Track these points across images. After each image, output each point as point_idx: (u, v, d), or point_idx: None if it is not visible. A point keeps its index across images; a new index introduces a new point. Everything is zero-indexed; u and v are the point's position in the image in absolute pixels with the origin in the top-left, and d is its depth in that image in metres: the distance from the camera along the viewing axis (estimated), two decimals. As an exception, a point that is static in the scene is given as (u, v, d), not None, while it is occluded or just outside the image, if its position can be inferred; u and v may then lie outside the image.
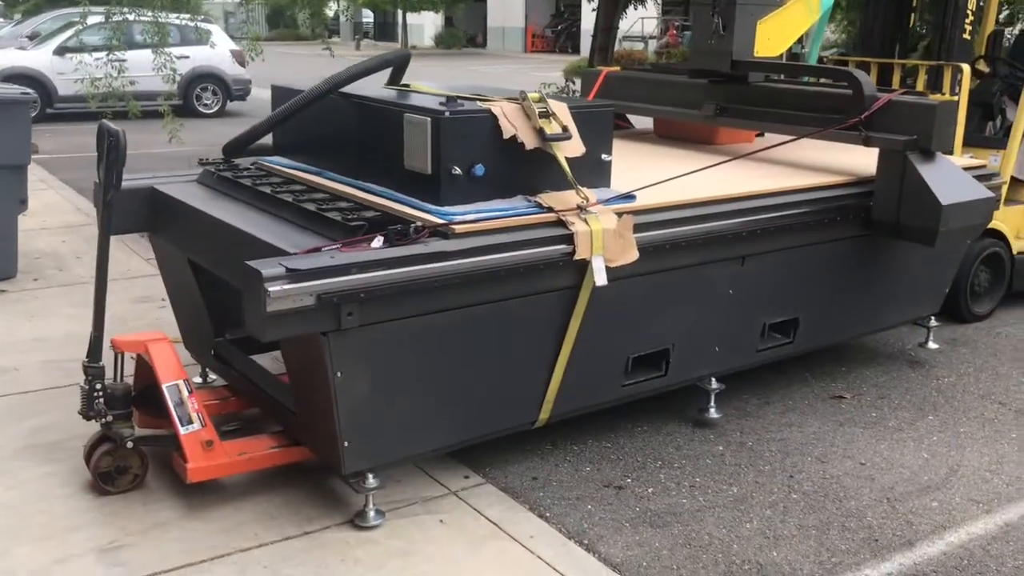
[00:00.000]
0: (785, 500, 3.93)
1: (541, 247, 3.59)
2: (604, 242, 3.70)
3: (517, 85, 4.79)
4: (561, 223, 3.67)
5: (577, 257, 3.64)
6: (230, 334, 4.40)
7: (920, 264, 5.02)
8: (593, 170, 3.91)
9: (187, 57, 15.98)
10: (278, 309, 3.05)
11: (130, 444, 3.66)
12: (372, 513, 3.58)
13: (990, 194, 4.66)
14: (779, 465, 4.22)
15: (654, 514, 3.80)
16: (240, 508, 3.65)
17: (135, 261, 7.00)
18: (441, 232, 3.46)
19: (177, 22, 12.41)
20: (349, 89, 4.08)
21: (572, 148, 3.78)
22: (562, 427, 4.23)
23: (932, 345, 5.42)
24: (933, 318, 5.39)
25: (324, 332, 3.21)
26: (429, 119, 3.57)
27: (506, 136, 3.66)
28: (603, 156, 3.98)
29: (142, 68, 10.03)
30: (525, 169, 3.75)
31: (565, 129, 3.75)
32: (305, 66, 28.11)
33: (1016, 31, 9.26)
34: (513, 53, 40.58)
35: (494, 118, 3.66)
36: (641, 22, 30.06)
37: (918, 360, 5.48)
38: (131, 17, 9.66)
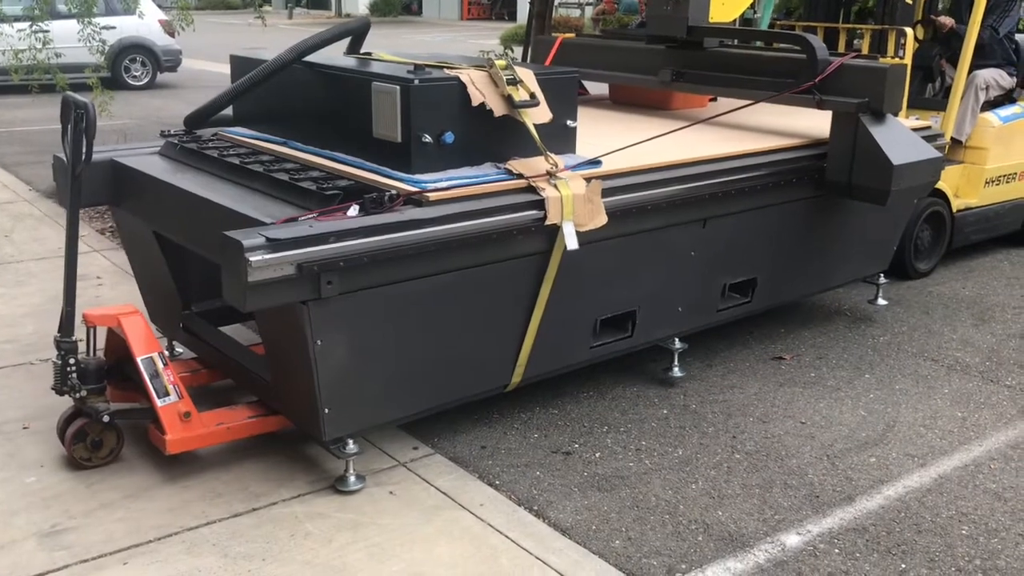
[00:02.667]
0: (729, 460, 4.01)
1: (513, 213, 3.65)
2: (574, 207, 3.77)
3: (455, 53, 4.81)
4: (532, 189, 3.72)
5: (548, 222, 3.71)
6: (197, 306, 4.40)
7: (870, 223, 5.18)
8: (559, 136, 3.97)
9: (114, 27, 15.48)
10: (259, 279, 3.07)
11: (106, 418, 3.65)
12: (353, 478, 3.63)
13: (938, 154, 4.83)
14: (722, 426, 4.30)
15: (602, 478, 3.84)
16: (187, 487, 3.62)
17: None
18: (415, 200, 3.50)
19: None
20: (312, 58, 4.08)
21: (540, 115, 3.83)
22: (509, 396, 4.24)
23: (881, 301, 5.59)
24: (882, 275, 5.56)
25: (304, 301, 3.23)
26: (398, 87, 3.58)
27: (475, 103, 3.69)
28: (568, 122, 4.03)
29: (67, 39, 9.76)
30: (493, 136, 3.80)
31: (533, 96, 3.80)
32: (237, 36, 27.61)
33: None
34: (449, 21, 40.25)
35: (462, 86, 3.69)
36: (578, -13, 30.03)
37: (854, 320, 5.62)
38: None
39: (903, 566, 3.31)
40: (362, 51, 4.47)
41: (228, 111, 4.46)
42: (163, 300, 4.41)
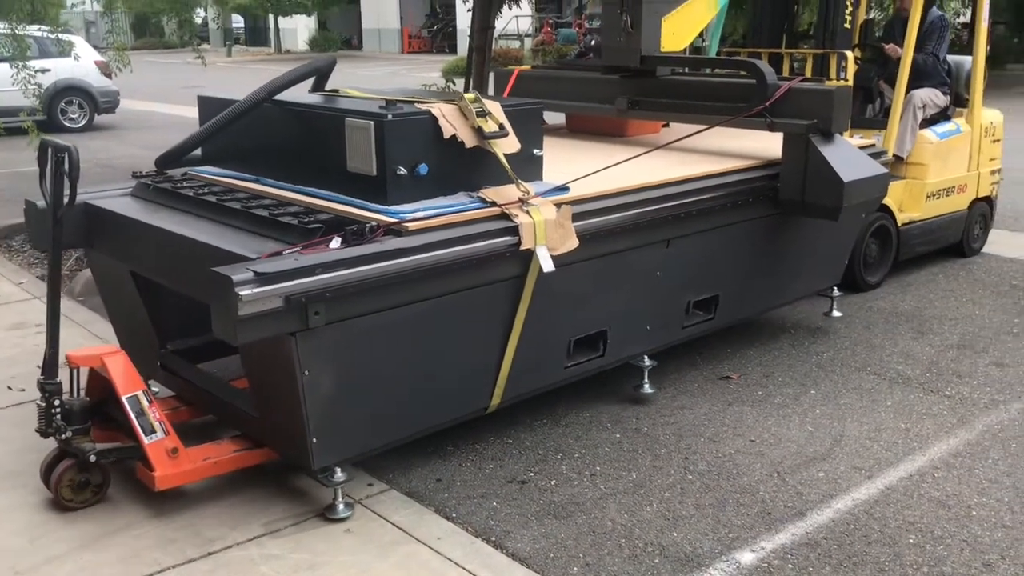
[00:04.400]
0: (682, 481, 4.05)
1: (490, 239, 3.76)
2: (546, 232, 3.90)
3: (395, 87, 4.86)
4: (505, 216, 3.85)
5: (523, 247, 3.83)
6: (172, 344, 4.44)
7: (823, 239, 5.40)
8: (527, 165, 4.10)
9: (48, 70, 15.32)
10: (249, 312, 3.14)
11: (93, 458, 3.67)
12: (341, 506, 3.69)
13: (884, 170, 5.07)
14: (674, 448, 4.35)
15: (558, 505, 3.87)
16: (139, 535, 3.56)
17: (6, 286, 6.76)
18: (395, 230, 3.60)
19: (37, 34, 11.98)
20: (281, 97, 4.17)
21: (509, 145, 3.97)
22: (463, 427, 4.26)
23: (836, 313, 5.81)
24: (836, 288, 5.78)
25: (292, 332, 3.31)
26: (372, 123, 3.70)
27: (446, 136, 3.81)
28: (535, 151, 4.18)
29: (1, 83, 9.66)
30: (465, 167, 3.92)
31: (501, 127, 3.94)
32: (177, 75, 27.45)
33: (880, 18, 9.88)
34: (390, 54, 40.47)
35: (434, 119, 3.81)
36: (516, 20, 30.43)
37: (798, 337, 5.74)
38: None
39: None
40: (326, 88, 4.57)
41: (196, 151, 4.52)
42: (139, 339, 4.44)
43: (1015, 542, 3.59)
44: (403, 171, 3.74)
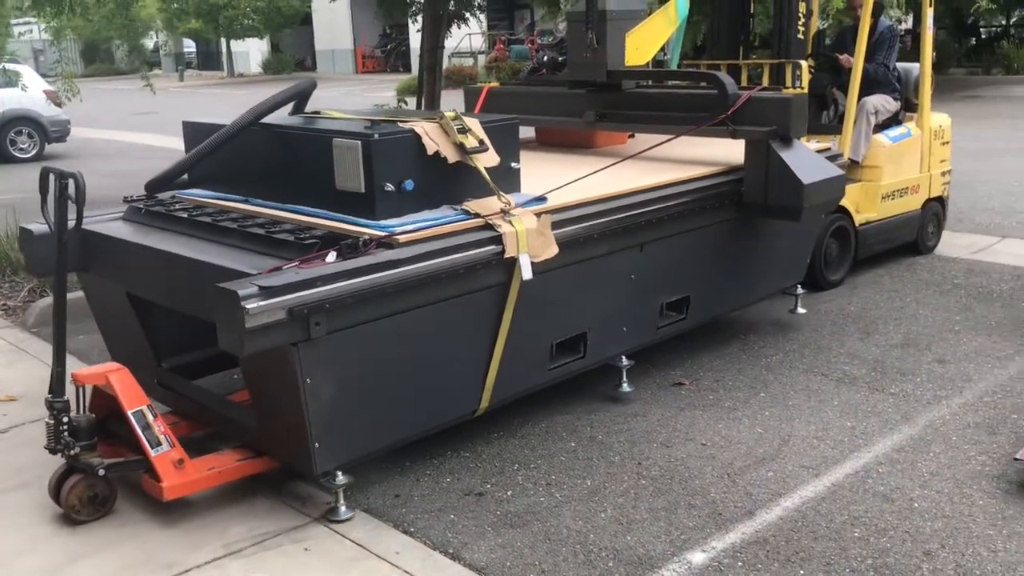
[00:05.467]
0: (635, 487, 4.13)
1: (476, 249, 3.97)
2: (528, 240, 4.11)
3: (352, 106, 4.97)
4: (489, 227, 4.05)
5: (507, 255, 4.04)
6: (167, 362, 4.58)
7: (786, 239, 5.67)
8: (505, 177, 4.31)
9: None
10: (255, 324, 3.31)
11: (102, 472, 3.81)
12: (343, 508, 3.86)
13: (841, 172, 5.35)
14: (628, 454, 4.43)
15: (514, 515, 3.93)
16: (97, 564, 3.60)
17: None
18: (386, 243, 3.79)
19: None
20: (267, 120, 4.35)
21: (489, 159, 4.18)
22: (420, 442, 4.30)
23: (801, 310, 6.06)
24: (799, 286, 6.05)
25: (294, 343, 3.48)
26: (360, 142, 3.88)
27: (430, 152, 4.01)
28: (512, 164, 4.39)
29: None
30: (447, 181, 4.12)
31: (481, 142, 4.15)
32: (128, 101, 27.18)
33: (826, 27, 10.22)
34: (344, 75, 40.58)
35: (417, 137, 4.01)
36: (469, 38, 30.72)
37: (748, 342, 5.84)
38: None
39: (802, 572, 3.49)
40: (305, 110, 4.76)
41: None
42: (136, 358, 4.57)
43: (954, 531, 3.72)
44: (390, 187, 3.93)
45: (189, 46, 52.14)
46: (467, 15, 10.45)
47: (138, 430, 3.77)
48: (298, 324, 3.44)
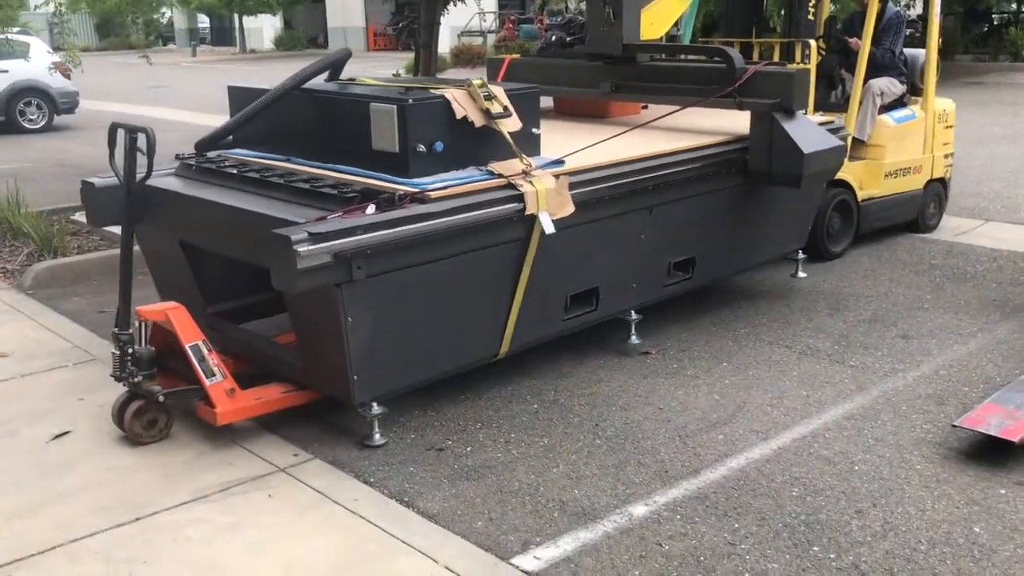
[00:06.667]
0: (590, 446, 4.30)
1: (500, 206, 4.36)
2: (547, 199, 4.50)
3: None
4: (511, 186, 4.44)
5: (527, 212, 4.43)
6: (214, 308, 5.00)
7: (788, 205, 6.03)
8: (526, 142, 4.69)
9: (5, 71, 15.61)
10: (306, 266, 3.71)
11: (161, 398, 4.23)
12: (377, 435, 4.29)
13: (841, 143, 5.71)
14: (587, 416, 4.59)
15: (471, 469, 4.10)
16: (71, 504, 3.80)
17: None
18: (419, 199, 4.18)
19: None
20: (308, 85, 4.74)
21: (512, 124, 4.57)
22: (388, 403, 4.35)
23: (802, 274, 6.38)
24: (800, 251, 6.41)
25: (338, 284, 3.89)
26: (395, 106, 4.27)
27: (458, 117, 4.40)
28: (533, 130, 4.77)
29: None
30: (474, 143, 4.50)
31: (506, 108, 4.53)
32: (140, 75, 27.26)
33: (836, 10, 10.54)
34: (356, 53, 40.16)
35: (447, 102, 4.40)
36: (479, 17, 30.76)
37: (719, 315, 5.97)
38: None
39: (736, 525, 3.65)
40: (341, 77, 5.14)
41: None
42: (186, 303, 4.99)
43: (888, 492, 3.87)
44: (422, 148, 4.31)
45: (203, 21, 52.29)
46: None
47: (195, 362, 4.19)
48: (342, 267, 3.84)
